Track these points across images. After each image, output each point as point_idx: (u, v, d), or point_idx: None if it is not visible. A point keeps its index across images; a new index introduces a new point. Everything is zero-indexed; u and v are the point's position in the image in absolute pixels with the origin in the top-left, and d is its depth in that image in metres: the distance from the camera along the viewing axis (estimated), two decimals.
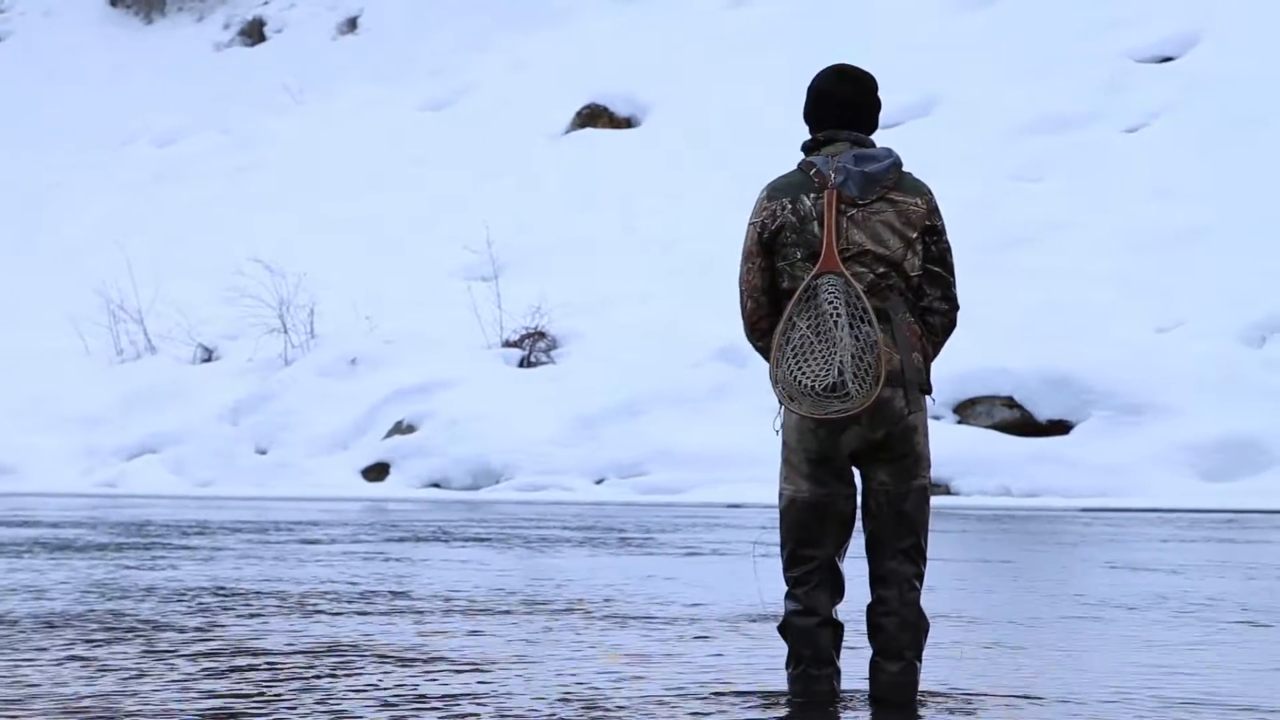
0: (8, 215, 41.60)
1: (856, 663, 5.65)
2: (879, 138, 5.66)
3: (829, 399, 5.18)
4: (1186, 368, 21.32)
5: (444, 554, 12.00)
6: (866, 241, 5.32)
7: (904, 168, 5.43)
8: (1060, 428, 21.28)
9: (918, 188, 5.41)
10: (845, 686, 5.48)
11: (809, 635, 5.37)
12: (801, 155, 5.55)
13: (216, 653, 6.63)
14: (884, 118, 6.17)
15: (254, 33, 54.02)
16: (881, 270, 5.32)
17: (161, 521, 16.27)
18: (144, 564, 10.96)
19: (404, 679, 5.99)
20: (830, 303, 5.22)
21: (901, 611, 5.36)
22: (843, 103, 5.46)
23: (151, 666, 6.28)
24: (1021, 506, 19.03)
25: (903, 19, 36.66)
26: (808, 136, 5.57)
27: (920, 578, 5.42)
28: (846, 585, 5.46)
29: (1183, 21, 32.59)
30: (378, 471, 24.47)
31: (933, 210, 5.41)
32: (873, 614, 5.41)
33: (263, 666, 6.26)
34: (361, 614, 8.01)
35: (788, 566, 5.43)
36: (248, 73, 49.46)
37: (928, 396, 5.42)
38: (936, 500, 16.15)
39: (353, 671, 6.15)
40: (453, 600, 8.65)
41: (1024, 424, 21.45)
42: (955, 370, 20.43)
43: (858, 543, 5.42)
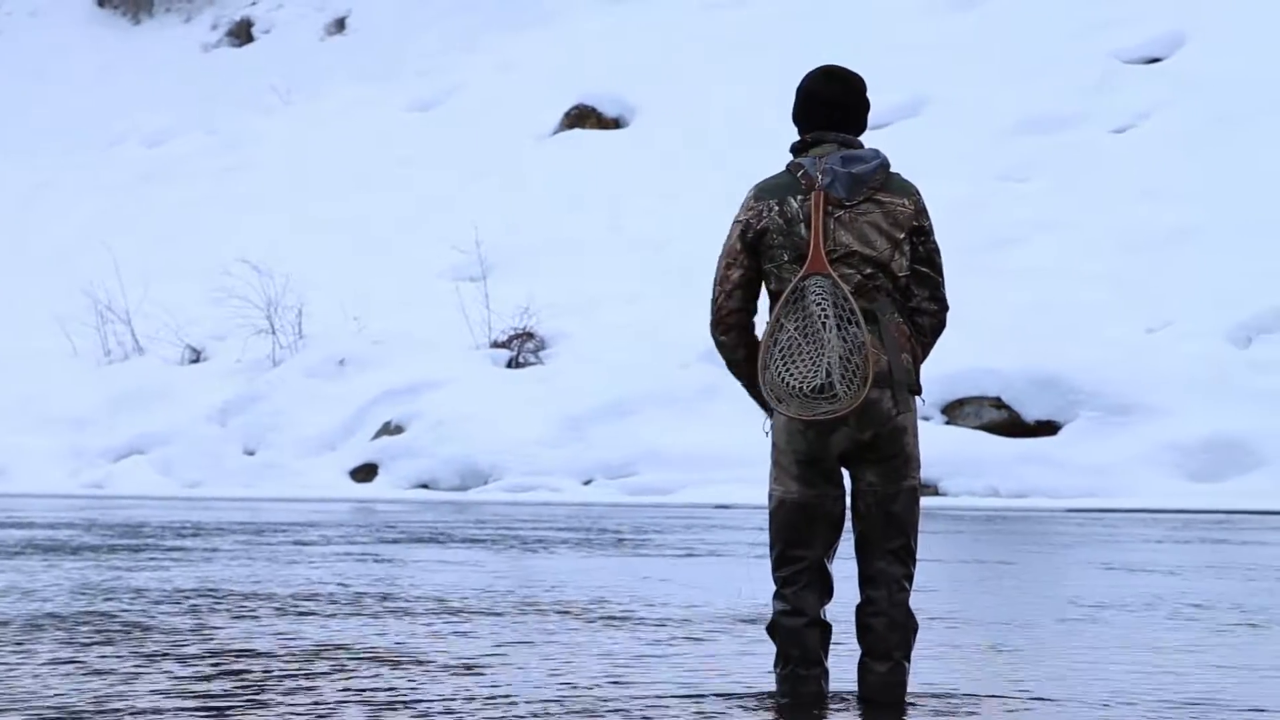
0: None
1: (845, 663, 5.65)
2: (868, 138, 5.66)
3: (816, 400, 5.18)
4: (1174, 368, 21.35)
5: (437, 555, 11.98)
6: (854, 243, 5.31)
7: (892, 168, 5.42)
8: (1048, 428, 21.31)
9: (905, 188, 5.41)
10: (834, 687, 5.48)
11: (797, 636, 5.37)
12: (790, 156, 5.54)
13: (207, 655, 6.62)
14: (873, 118, 6.16)
15: (242, 33, 53.99)
16: (869, 271, 5.32)
17: (152, 523, 16.24)
18: (135, 566, 10.94)
19: (396, 681, 5.98)
20: (818, 304, 5.21)
21: (890, 612, 5.36)
22: (831, 104, 5.46)
23: (142, 668, 6.26)
24: (1010, 507, 19.05)
25: (892, 20, 36.69)
26: (796, 137, 5.57)
27: (909, 578, 5.42)
28: (835, 586, 5.46)
29: (1170, 22, 32.65)
30: (366, 472, 24.45)
31: (920, 211, 5.41)
32: (861, 614, 5.41)
33: (255, 669, 6.25)
34: (354, 615, 8.00)
35: (776, 567, 5.43)
36: (235, 73, 49.43)
37: (916, 397, 5.42)
38: (925, 501, 16.17)
39: (346, 673, 6.14)
40: (446, 602, 8.64)
41: (1012, 424, 21.47)
42: (943, 371, 20.44)
43: (847, 543, 5.42)
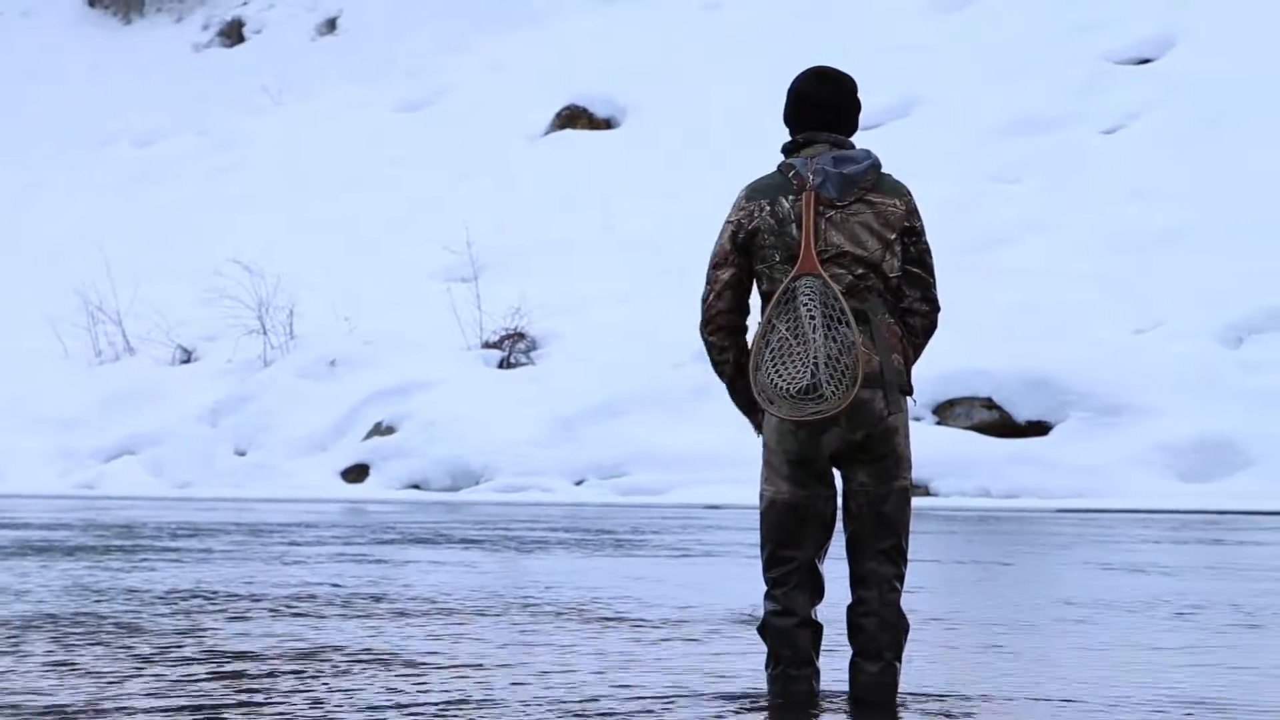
0: None
1: (837, 663, 5.66)
2: (859, 139, 5.67)
3: (805, 401, 5.19)
4: (1164, 369, 21.37)
5: (432, 556, 11.98)
6: (845, 243, 5.33)
7: (883, 169, 5.44)
8: (1039, 429, 21.33)
9: (896, 189, 5.42)
10: (825, 687, 5.50)
11: (788, 636, 5.38)
12: (781, 157, 5.56)
13: (201, 657, 6.62)
14: (863, 119, 6.17)
15: (233, 33, 53.94)
16: (860, 272, 5.33)
17: (145, 523, 16.23)
18: (129, 566, 10.94)
19: (391, 682, 5.98)
20: (806, 305, 5.23)
21: (881, 612, 5.37)
22: (822, 104, 5.47)
23: (136, 670, 6.26)
24: (1001, 508, 19.07)
25: (882, 20, 36.71)
26: (788, 138, 5.58)
27: (900, 578, 5.43)
28: (826, 586, 5.48)
29: (1160, 23, 32.69)
30: (357, 473, 24.45)
31: (911, 211, 5.42)
32: (853, 614, 5.42)
33: (249, 671, 6.25)
34: (348, 617, 8.00)
35: (767, 567, 5.44)
36: (226, 73, 49.38)
37: (908, 398, 5.44)
38: (916, 501, 16.19)
39: (340, 675, 6.14)
40: (441, 603, 8.64)
41: (1003, 425, 21.50)
42: (934, 371, 20.46)
43: (838, 543, 5.43)
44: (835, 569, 5.52)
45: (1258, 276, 23.28)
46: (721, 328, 5.49)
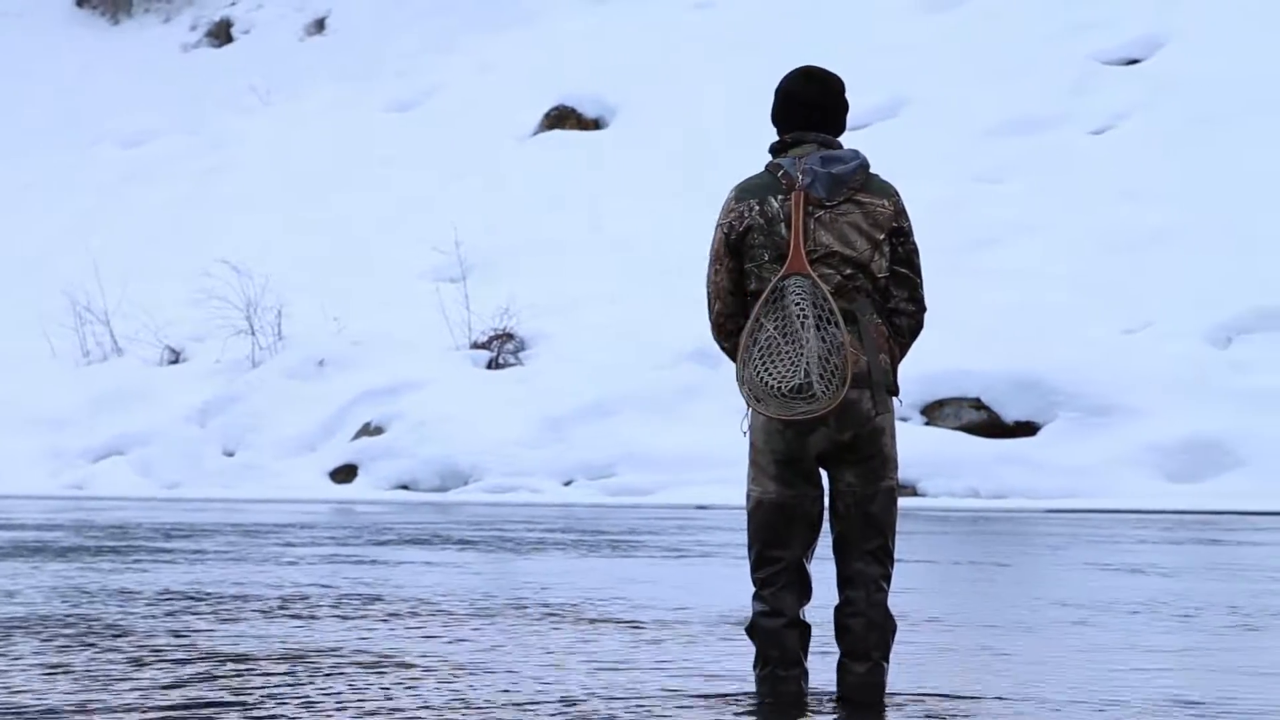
0: None
1: (825, 664, 5.66)
2: (847, 139, 5.67)
3: (795, 400, 5.19)
4: (1154, 369, 21.39)
5: (424, 556, 11.96)
6: (833, 243, 5.32)
7: (871, 169, 5.44)
8: (1027, 429, 21.34)
9: (885, 189, 5.42)
10: (813, 687, 5.49)
11: (776, 636, 5.38)
12: (769, 157, 5.55)
13: (194, 659, 6.60)
14: (852, 119, 6.17)
15: (221, 34, 53.89)
16: (849, 272, 5.33)
17: (137, 524, 16.20)
18: (122, 568, 10.91)
19: (384, 684, 5.97)
20: (797, 304, 5.22)
21: (868, 612, 5.37)
22: (810, 104, 5.47)
23: (129, 672, 6.25)
24: (990, 508, 19.07)
25: (871, 21, 36.72)
26: (776, 138, 5.58)
27: (888, 579, 5.43)
28: (814, 586, 5.47)
29: (1149, 24, 32.72)
30: (345, 473, 24.43)
31: (900, 212, 5.42)
32: (840, 615, 5.42)
33: (242, 672, 6.24)
34: (342, 618, 7.98)
35: (755, 568, 5.44)
36: (215, 74, 49.32)
37: (895, 398, 5.43)
38: (904, 502, 16.17)
39: (333, 677, 6.12)
40: (434, 604, 8.62)
41: (991, 425, 21.51)
42: (923, 371, 20.48)
43: (825, 543, 5.43)
44: (823, 569, 5.52)
45: (1247, 277, 23.31)
46: (733, 332, 5.49)
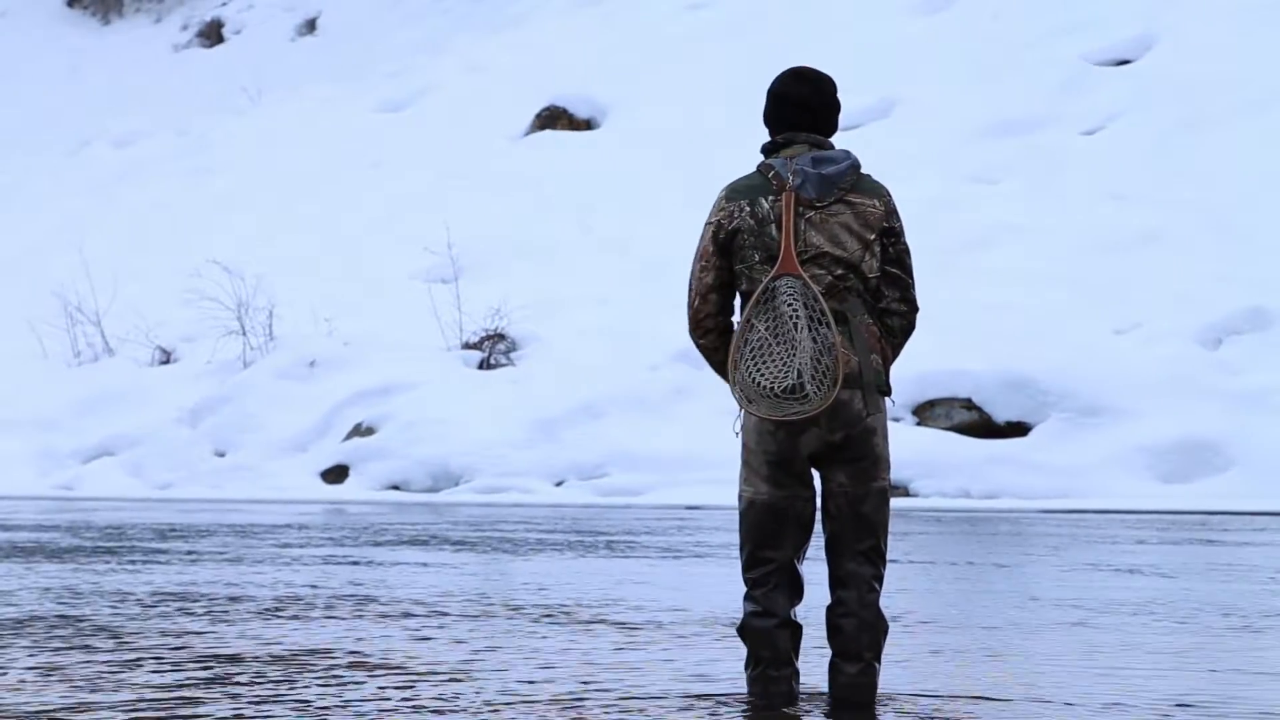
0: None
1: (818, 664, 5.66)
2: (838, 140, 5.67)
3: (787, 401, 5.19)
4: (1144, 370, 21.41)
5: (419, 557, 11.93)
6: (824, 244, 5.33)
7: (862, 169, 5.44)
8: (1018, 429, 21.36)
9: (876, 189, 5.43)
10: (805, 688, 5.49)
11: (767, 637, 5.38)
12: (761, 158, 5.55)
13: (188, 660, 6.59)
14: (843, 119, 6.16)
15: (212, 34, 53.87)
16: (839, 272, 5.33)
17: (132, 525, 16.18)
18: (116, 568, 10.89)
19: (379, 685, 5.96)
20: (789, 305, 5.23)
21: (860, 613, 5.37)
22: (801, 105, 5.47)
23: (122, 673, 6.23)
24: (982, 508, 19.08)
25: (862, 21, 36.74)
26: (767, 139, 5.58)
27: (880, 579, 5.43)
28: (806, 587, 5.48)
29: (1139, 24, 32.75)
30: (337, 474, 24.40)
31: (891, 212, 5.42)
32: (832, 615, 5.42)
33: (236, 674, 6.23)
34: (337, 619, 7.96)
35: (746, 568, 5.44)
36: (206, 74, 49.31)
37: (887, 398, 5.44)
38: (896, 503, 16.19)
39: (327, 678, 6.11)
40: (429, 605, 8.61)
41: (982, 426, 21.52)
42: (914, 372, 20.49)
43: (817, 544, 5.43)
44: (815, 570, 5.52)
45: (1237, 278, 23.34)
46: (710, 330, 5.50)
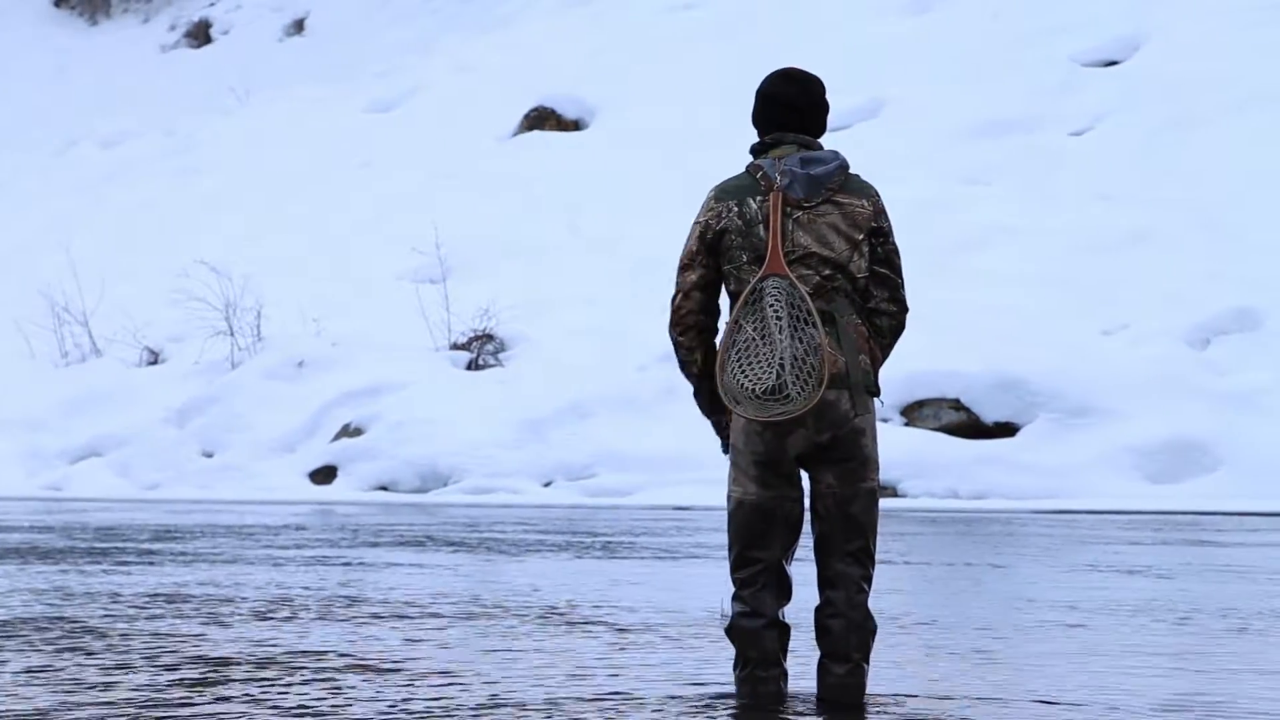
0: None
1: (806, 665, 5.65)
2: (827, 140, 5.66)
3: (770, 402, 5.19)
4: (1132, 370, 21.44)
5: (411, 558, 11.91)
6: (812, 244, 5.32)
7: (851, 170, 5.43)
8: (1007, 430, 21.38)
9: (864, 190, 5.42)
10: (793, 688, 5.48)
11: (755, 637, 5.37)
12: (750, 158, 5.55)
13: (179, 662, 6.57)
14: (832, 120, 6.16)
15: (200, 34, 53.82)
16: (827, 272, 5.32)
17: (121, 526, 16.15)
18: (108, 569, 10.86)
19: (372, 688, 5.95)
20: (773, 306, 5.22)
21: (849, 613, 5.37)
22: (789, 106, 5.47)
23: (113, 675, 6.21)
24: (971, 509, 19.09)
25: (851, 22, 36.78)
26: (756, 139, 5.57)
27: (868, 580, 5.42)
28: (794, 587, 5.47)
29: (1128, 25, 32.81)
30: (325, 474, 24.39)
31: (879, 212, 5.42)
32: (820, 616, 5.41)
33: (228, 675, 6.22)
34: (330, 621, 7.94)
35: (735, 568, 5.44)
36: (193, 74, 49.27)
37: (875, 399, 5.43)
38: (885, 503, 16.18)
39: (320, 680, 6.10)
40: (422, 606, 8.59)
41: (971, 426, 21.54)
42: (903, 372, 20.51)
43: (806, 545, 5.41)
44: (804, 571, 5.51)
45: (1225, 278, 23.38)
46: (690, 328, 5.49)
